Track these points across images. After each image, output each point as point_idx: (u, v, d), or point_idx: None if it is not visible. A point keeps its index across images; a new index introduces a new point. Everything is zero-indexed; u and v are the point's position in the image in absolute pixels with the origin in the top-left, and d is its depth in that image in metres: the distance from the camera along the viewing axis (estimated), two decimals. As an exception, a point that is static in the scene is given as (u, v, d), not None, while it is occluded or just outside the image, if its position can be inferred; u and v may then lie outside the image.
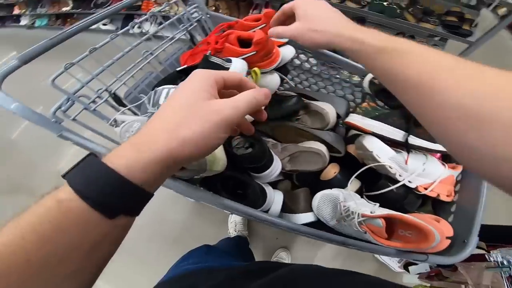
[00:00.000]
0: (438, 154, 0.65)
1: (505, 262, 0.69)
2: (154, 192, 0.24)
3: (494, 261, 0.68)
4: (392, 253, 0.52)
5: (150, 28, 0.59)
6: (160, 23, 0.63)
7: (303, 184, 0.72)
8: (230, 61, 0.52)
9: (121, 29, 0.58)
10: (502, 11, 1.19)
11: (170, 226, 1.46)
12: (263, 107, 0.30)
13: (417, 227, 0.48)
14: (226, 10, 1.78)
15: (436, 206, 0.67)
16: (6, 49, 2.99)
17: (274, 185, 0.73)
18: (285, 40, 0.65)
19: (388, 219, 0.54)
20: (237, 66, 0.48)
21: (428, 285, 0.99)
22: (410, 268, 1.26)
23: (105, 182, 0.21)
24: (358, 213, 0.53)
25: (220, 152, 0.51)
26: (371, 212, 0.52)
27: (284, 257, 1.31)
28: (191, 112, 0.23)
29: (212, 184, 0.56)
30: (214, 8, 1.81)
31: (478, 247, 0.86)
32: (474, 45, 1.29)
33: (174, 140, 0.22)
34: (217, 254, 0.64)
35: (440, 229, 0.50)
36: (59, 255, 0.19)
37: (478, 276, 0.71)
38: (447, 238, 0.53)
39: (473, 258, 0.78)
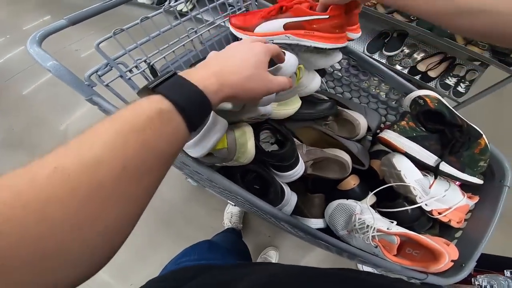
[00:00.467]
0: (458, 182, 0.66)
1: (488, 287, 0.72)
2: None
3: (478, 285, 0.70)
4: (396, 269, 0.53)
5: (188, 5, 0.58)
6: (202, 4, 0.61)
7: (318, 189, 0.71)
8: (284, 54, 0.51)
9: (156, 4, 0.57)
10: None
11: (165, 206, 1.43)
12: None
13: (429, 248, 0.49)
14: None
15: (442, 229, 0.68)
16: (42, 12, 2.93)
17: (290, 185, 0.73)
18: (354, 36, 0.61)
19: (401, 237, 0.54)
20: (291, 61, 0.48)
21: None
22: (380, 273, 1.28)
23: (197, 102, 0.26)
24: (374, 228, 0.53)
25: (251, 146, 0.51)
26: (387, 229, 0.52)
27: (272, 255, 1.31)
28: (256, 75, 0.32)
29: (231, 174, 0.56)
30: None
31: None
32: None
33: (242, 88, 0.31)
34: (218, 251, 0.64)
35: (448, 252, 0.52)
36: (149, 164, 0.21)
37: None
38: (452, 261, 0.55)
39: (460, 281, 0.81)
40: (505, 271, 0.77)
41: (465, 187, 0.67)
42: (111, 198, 0.19)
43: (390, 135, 0.56)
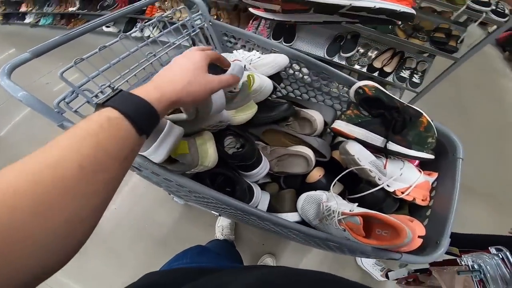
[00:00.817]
0: (416, 162, 0.70)
1: (475, 266, 0.73)
2: None
3: (465, 265, 0.72)
4: (368, 250, 0.55)
5: (154, 31, 0.63)
6: (164, 28, 0.67)
7: (289, 186, 0.75)
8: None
9: (123, 32, 0.62)
10: (492, 28, 1.25)
11: (158, 227, 1.46)
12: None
13: (390, 224, 0.52)
14: (227, 20, 1.85)
15: (412, 210, 0.71)
16: (6, 46, 3.02)
17: (263, 187, 0.76)
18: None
19: (366, 219, 0.57)
20: (235, 69, 0.53)
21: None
22: (389, 273, 1.29)
23: (143, 110, 0.30)
24: (339, 212, 0.57)
25: (211, 149, 0.55)
26: (350, 211, 0.56)
27: (269, 263, 1.33)
28: (196, 78, 0.37)
29: (202, 179, 0.59)
30: (215, 16, 1.87)
31: (451, 253, 0.91)
32: (459, 61, 1.34)
33: (184, 92, 0.36)
34: (209, 255, 0.67)
35: (412, 228, 0.54)
36: (104, 164, 0.25)
37: (451, 280, 0.74)
38: (420, 237, 0.57)
39: (446, 262, 0.82)
40: (489, 248, 0.80)
41: (424, 166, 0.72)
42: (71, 191, 0.22)
43: (339, 124, 0.61)
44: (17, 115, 2.03)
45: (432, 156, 0.64)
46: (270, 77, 0.72)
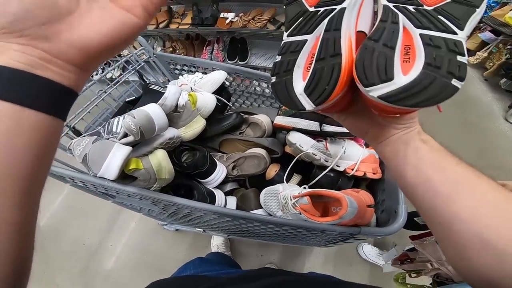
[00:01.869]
0: (361, 140, 0.76)
1: None
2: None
3: None
4: (324, 228, 0.59)
5: (106, 71, 0.70)
6: (110, 67, 0.75)
7: (254, 187, 0.80)
8: (166, 87, 0.64)
9: None
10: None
11: (155, 256, 1.48)
12: None
13: (332, 197, 0.57)
14: (182, 50, 1.95)
15: (370, 186, 0.76)
16: None
17: (231, 193, 0.81)
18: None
19: (318, 199, 0.63)
20: (171, 90, 0.59)
21: (403, 272, 1.03)
22: (382, 256, 1.30)
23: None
24: (290, 196, 0.62)
25: (165, 161, 0.60)
26: (298, 193, 0.61)
27: None
28: None
29: (166, 192, 0.64)
30: (171, 48, 1.97)
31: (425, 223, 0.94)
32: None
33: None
34: (209, 264, 0.70)
35: (357, 197, 0.59)
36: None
37: (435, 251, 0.77)
38: (369, 206, 0.62)
39: (424, 234, 0.85)
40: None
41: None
42: None
43: (278, 119, 0.68)
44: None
45: None
46: (219, 94, 0.80)
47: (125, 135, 0.60)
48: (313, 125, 0.66)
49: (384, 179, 0.72)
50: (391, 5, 0.27)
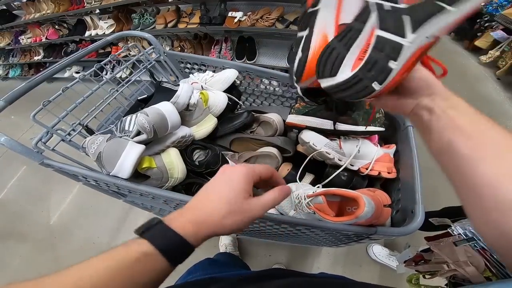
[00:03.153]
0: (376, 138, 0.75)
1: (468, 234, 0.71)
2: None
3: (458, 234, 0.71)
4: (339, 228, 0.57)
5: (117, 70, 0.70)
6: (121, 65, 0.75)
7: (266, 187, 0.79)
8: (178, 85, 0.63)
9: (94, 76, 0.69)
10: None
11: None
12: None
13: (349, 197, 0.56)
14: (190, 49, 1.96)
15: (385, 185, 0.74)
16: None
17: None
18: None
19: (329, 198, 0.61)
20: (184, 88, 0.59)
21: (417, 273, 1.01)
22: (396, 257, 1.27)
23: (179, 246, 0.30)
24: (304, 196, 0.61)
25: (177, 160, 0.60)
26: (313, 192, 0.60)
27: None
28: (233, 211, 0.32)
29: (178, 191, 0.64)
30: (179, 48, 1.99)
31: (444, 224, 0.91)
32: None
33: (220, 226, 0.32)
34: (218, 265, 0.70)
35: (374, 197, 0.57)
36: None
37: (452, 253, 0.74)
38: (386, 206, 0.60)
39: (441, 235, 0.82)
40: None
41: (385, 141, 0.77)
42: None
43: (291, 117, 0.67)
44: (11, 178, 2.08)
45: (381, 128, 0.69)
46: (230, 92, 0.79)
47: (138, 133, 0.60)
48: (327, 124, 0.65)
49: (400, 178, 0.70)
50: (372, 1, 0.29)
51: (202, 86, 0.80)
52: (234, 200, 0.32)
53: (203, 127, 0.69)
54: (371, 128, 0.66)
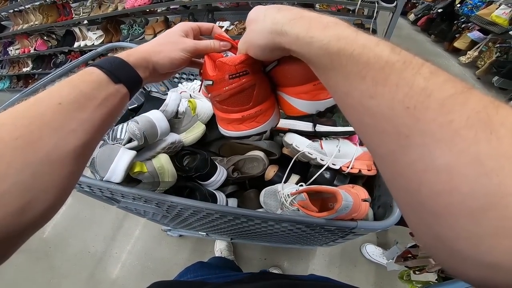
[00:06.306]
0: (357, 137, 0.80)
1: None
2: (143, 80, 0.36)
3: None
4: (322, 222, 0.61)
5: None
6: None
7: (254, 188, 0.83)
8: (166, 94, 0.67)
9: None
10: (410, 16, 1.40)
11: (160, 262, 1.51)
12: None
13: (328, 192, 0.60)
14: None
15: (366, 183, 0.79)
16: None
17: (232, 195, 0.84)
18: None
19: (312, 196, 0.65)
20: (172, 97, 0.63)
21: (407, 269, 1.05)
22: (384, 254, 1.32)
23: (112, 60, 0.33)
24: (288, 194, 0.64)
25: (168, 165, 0.63)
26: (296, 190, 0.64)
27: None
28: (167, 40, 0.38)
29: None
30: None
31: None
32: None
33: (155, 49, 0.37)
34: (210, 268, 0.72)
35: (353, 193, 0.62)
36: (80, 102, 0.27)
37: None
38: (365, 200, 0.64)
39: None
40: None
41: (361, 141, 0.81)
42: (49, 125, 0.24)
43: (274, 122, 0.71)
44: None
45: None
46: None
47: (130, 140, 0.63)
48: (308, 126, 0.69)
49: (379, 175, 0.75)
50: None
51: (190, 94, 0.84)
52: (168, 34, 0.39)
53: (192, 134, 0.72)
54: (347, 129, 0.71)
